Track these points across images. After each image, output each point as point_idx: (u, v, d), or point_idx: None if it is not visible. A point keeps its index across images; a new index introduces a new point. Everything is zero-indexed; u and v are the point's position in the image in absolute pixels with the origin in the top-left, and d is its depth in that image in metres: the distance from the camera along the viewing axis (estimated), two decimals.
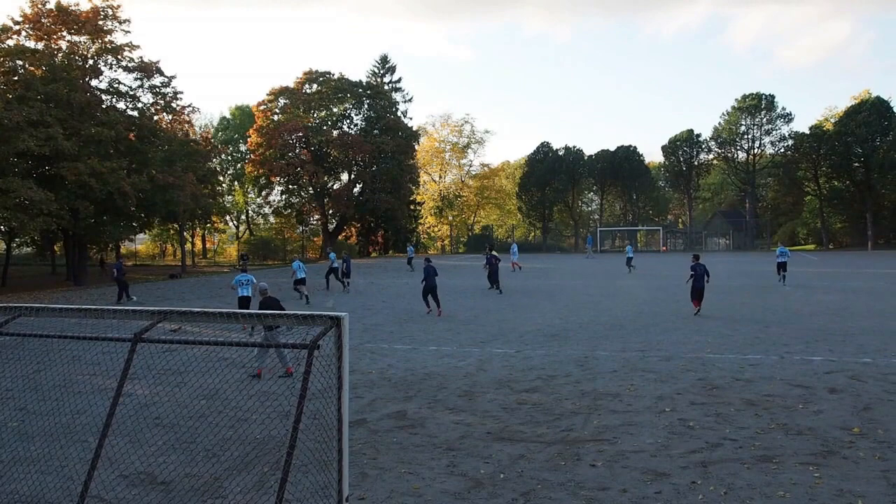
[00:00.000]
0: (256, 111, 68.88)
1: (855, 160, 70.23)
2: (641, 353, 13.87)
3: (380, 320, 20.08)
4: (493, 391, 10.99)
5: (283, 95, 69.03)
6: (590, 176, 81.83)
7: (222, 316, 5.60)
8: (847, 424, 8.77)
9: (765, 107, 75.20)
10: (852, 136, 67.98)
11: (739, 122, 76.11)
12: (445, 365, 13.19)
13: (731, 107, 76.99)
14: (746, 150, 76.78)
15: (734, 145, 77.20)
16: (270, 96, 68.84)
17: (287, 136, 66.23)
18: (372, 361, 13.62)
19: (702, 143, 78.88)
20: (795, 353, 13.51)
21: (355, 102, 71.23)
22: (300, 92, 69.31)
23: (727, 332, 16.38)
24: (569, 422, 9.15)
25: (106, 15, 40.37)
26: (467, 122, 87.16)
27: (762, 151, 76.71)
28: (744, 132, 76.25)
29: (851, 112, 69.63)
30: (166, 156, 43.79)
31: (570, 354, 13.96)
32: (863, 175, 69.50)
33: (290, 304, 21.87)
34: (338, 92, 69.65)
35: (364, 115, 71.99)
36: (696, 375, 11.78)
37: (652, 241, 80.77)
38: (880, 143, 68.31)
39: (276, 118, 68.06)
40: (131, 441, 8.34)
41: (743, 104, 75.73)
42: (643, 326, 17.72)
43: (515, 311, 21.79)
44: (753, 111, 75.23)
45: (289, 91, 69.07)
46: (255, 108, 69.34)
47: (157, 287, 35.86)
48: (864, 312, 19.66)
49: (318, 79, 69.83)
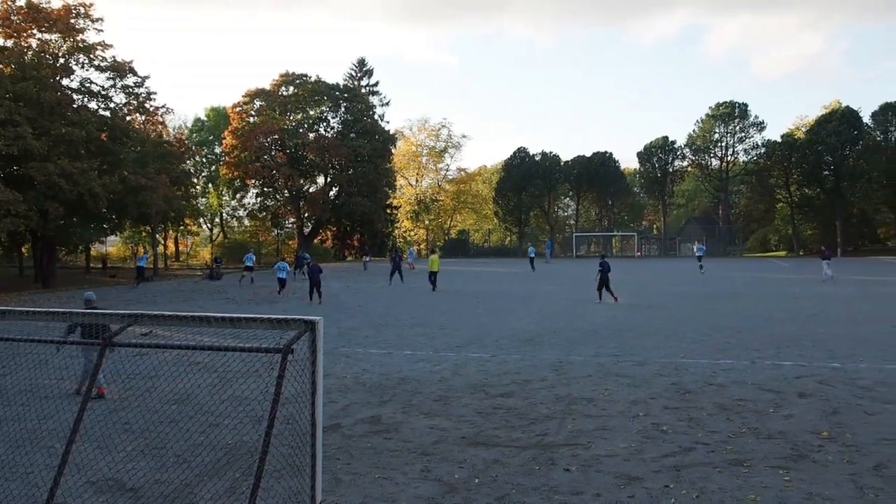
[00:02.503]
0: (232, 113, 68.47)
1: (825, 168, 71.37)
2: (615, 358, 13.94)
3: (355, 324, 20.00)
4: (468, 396, 10.98)
5: (259, 97, 68.68)
6: (566, 181, 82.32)
7: (193, 320, 5.54)
8: (816, 428, 8.86)
9: (738, 115, 76.15)
10: (823, 144, 69.09)
11: (713, 130, 77.00)
12: (420, 369, 13.16)
13: (706, 114, 77.90)
14: (720, 157, 77.72)
15: (708, 153, 78.10)
16: (246, 98, 68.45)
17: (263, 139, 65.92)
18: (347, 366, 13.55)
19: (676, 150, 79.70)
20: (766, 359, 13.65)
21: (332, 105, 71.07)
22: (276, 94, 69.01)
23: (700, 338, 16.50)
24: (543, 426, 9.16)
25: (78, 13, 39.91)
26: (444, 127, 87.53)
27: (735, 159, 77.71)
28: (717, 140, 77.16)
29: (822, 121, 70.73)
30: (139, 157, 43.35)
31: (545, 359, 13.99)
32: (833, 183, 70.59)
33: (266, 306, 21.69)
34: (314, 94, 69.45)
35: (341, 119, 71.86)
36: (669, 380, 11.85)
37: (627, 247, 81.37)
38: (850, 151, 69.55)
39: (252, 120, 67.71)
40: (99, 447, 8.22)
41: (717, 112, 76.63)
42: (617, 331, 17.81)
43: (491, 315, 21.81)
44: (727, 119, 76.16)
45: (265, 93, 68.73)
46: (231, 110, 68.93)
47: (127, 290, 35.48)
48: (833, 318, 19.91)
49: (295, 81, 69.59)
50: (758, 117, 76.41)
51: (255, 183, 69.19)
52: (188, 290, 34.23)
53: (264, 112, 67.97)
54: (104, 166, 39.84)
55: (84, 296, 12.42)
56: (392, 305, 25.30)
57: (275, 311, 23.16)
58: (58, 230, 38.47)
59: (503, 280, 38.68)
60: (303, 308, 24.62)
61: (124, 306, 25.94)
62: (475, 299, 27.33)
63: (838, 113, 70.34)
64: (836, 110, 71.63)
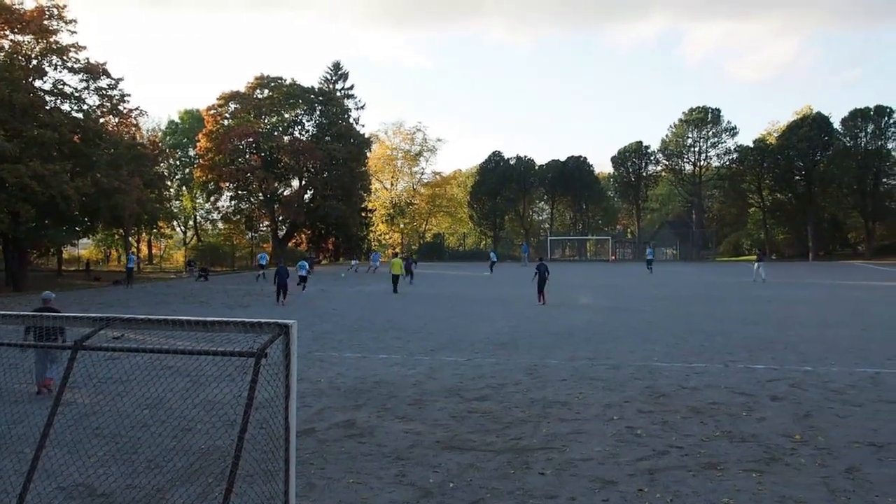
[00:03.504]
0: (206, 115, 67.91)
1: (796, 173, 72.15)
2: (590, 362, 13.99)
3: (330, 328, 19.92)
4: (443, 399, 10.96)
5: (233, 100, 68.23)
6: (540, 185, 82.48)
7: (166, 323, 5.47)
8: (789, 431, 8.95)
9: (711, 120, 76.77)
10: (794, 150, 69.79)
11: (686, 135, 77.52)
12: (395, 373, 13.13)
13: (679, 119, 78.38)
14: (693, 162, 78.27)
15: (681, 157, 78.63)
16: (221, 101, 67.96)
17: (237, 142, 65.51)
18: (321, 370, 13.48)
19: (650, 155, 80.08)
20: (739, 362, 13.77)
21: (307, 108, 70.80)
22: (251, 97, 68.63)
23: (674, 342, 16.62)
24: (518, 430, 9.17)
25: (51, 14, 39.36)
26: (419, 130, 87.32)
27: (708, 164, 78.25)
28: (691, 145, 77.70)
29: (793, 127, 71.51)
30: (112, 159, 42.81)
31: (520, 363, 14.01)
32: (804, 188, 71.41)
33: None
34: (289, 98, 69.13)
35: (316, 122, 71.60)
36: (643, 384, 11.91)
37: (601, 251, 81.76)
38: (820, 157, 70.32)
39: (227, 123, 67.25)
40: (70, 452, 8.09)
41: (690, 117, 77.18)
42: (592, 335, 17.88)
43: (466, 319, 21.82)
44: (700, 124, 76.73)
45: (239, 96, 68.31)
46: (205, 113, 68.37)
47: (100, 293, 35.07)
48: (805, 322, 20.14)
49: (270, 84, 69.24)
50: (730, 123, 77.01)
51: (230, 186, 68.67)
52: (161, 294, 33.92)
53: (239, 115, 67.55)
54: (77, 168, 39.29)
55: (42, 295, 12.49)
56: (367, 309, 25.22)
57: (249, 315, 22.98)
58: (29, 233, 37.89)
59: (478, 284, 38.72)
60: (277, 312, 24.48)
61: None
62: (450, 303, 27.34)
63: (809, 119, 71.13)
64: (808, 116, 72.44)
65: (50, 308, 12.02)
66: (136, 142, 49.58)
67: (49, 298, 12.30)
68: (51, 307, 12.09)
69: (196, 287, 38.51)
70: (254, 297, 30.63)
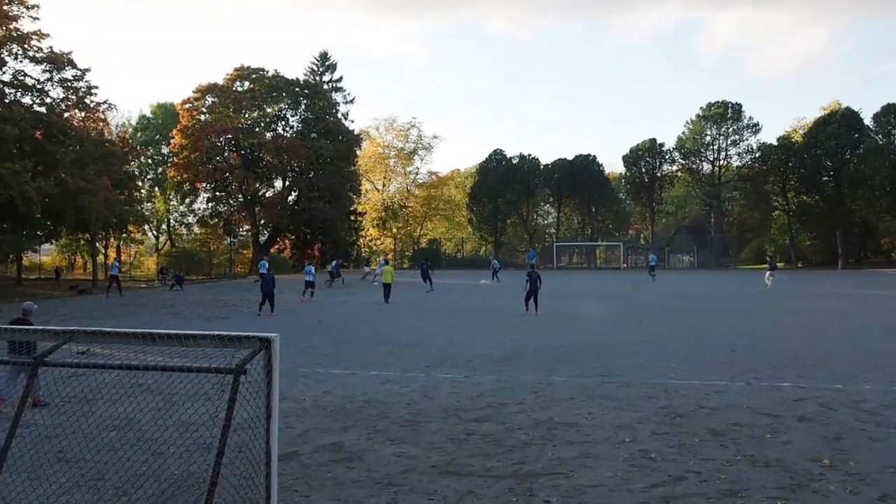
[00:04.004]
0: (181, 109, 67.97)
1: (824, 174, 72.22)
2: (600, 379, 13.98)
3: (315, 342, 19.89)
4: (440, 420, 10.94)
5: (211, 93, 68.35)
6: (546, 186, 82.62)
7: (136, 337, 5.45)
8: (817, 455, 8.94)
9: (731, 116, 76.89)
10: (822, 148, 69.86)
11: (704, 132, 77.67)
12: (387, 391, 13.10)
13: (696, 115, 78.54)
14: (711, 161, 78.40)
15: (699, 156, 78.74)
16: (197, 94, 68.06)
17: (215, 138, 65.58)
18: (305, 388, 13.46)
19: (665, 154, 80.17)
20: (763, 380, 13.76)
21: (291, 102, 70.94)
22: (230, 90, 68.72)
23: (692, 357, 16.61)
24: (521, 454, 9.15)
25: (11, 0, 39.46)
26: (414, 127, 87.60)
27: (728, 163, 78.37)
28: (709, 142, 77.85)
29: (821, 123, 71.63)
30: (77, 157, 42.83)
31: (523, 380, 13.99)
32: (832, 190, 71.48)
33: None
34: (272, 90, 69.26)
35: (301, 117, 71.74)
36: (658, 403, 11.90)
37: (612, 258, 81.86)
38: (850, 156, 70.35)
39: (203, 118, 67.37)
40: (30, 478, 8.05)
41: (709, 113, 77.29)
42: (602, 350, 17.87)
43: (464, 333, 21.80)
44: (719, 120, 76.84)
45: (217, 88, 68.41)
46: (180, 107, 68.44)
47: (63, 304, 35.02)
48: (835, 336, 20.15)
49: (251, 76, 69.35)
50: (752, 119, 77.23)
51: (206, 187, 68.73)
52: (131, 304, 33.86)
53: (217, 109, 67.63)
54: (39, 167, 39.27)
55: (23, 306, 12.64)
56: (355, 321, 25.21)
57: (227, 328, 22.94)
58: None
59: (477, 293, 38.72)
60: (258, 324, 24.46)
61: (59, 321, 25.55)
62: (447, 314, 27.32)
63: (838, 114, 71.28)
64: (836, 111, 72.63)
65: (26, 322, 12.12)
66: (104, 138, 49.62)
67: (30, 310, 12.41)
68: (28, 321, 12.17)
69: (169, 297, 38.47)
70: (233, 308, 30.62)
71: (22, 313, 12.38)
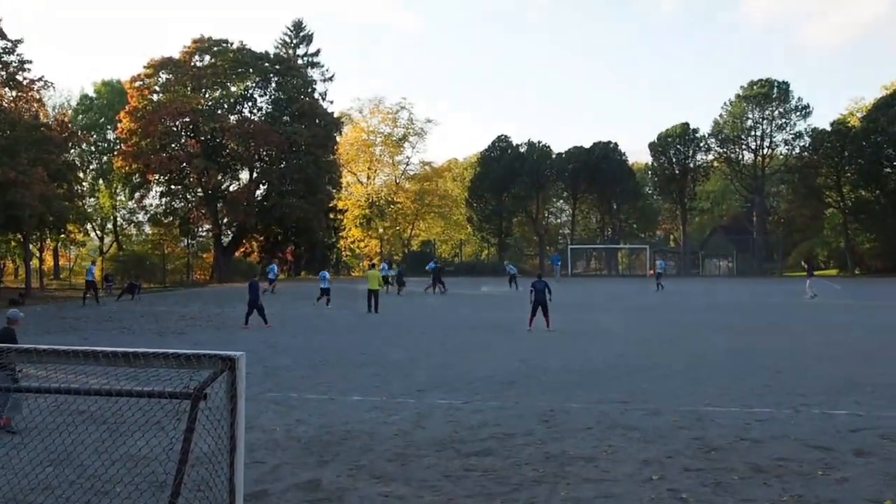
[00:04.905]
0: (130, 88, 67.96)
1: (886, 164, 72.04)
2: (622, 406, 13.98)
3: (288, 362, 19.88)
4: (434, 454, 10.94)
5: (165, 69, 68.32)
6: (559, 179, 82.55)
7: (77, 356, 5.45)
8: (878, 496, 8.94)
9: (777, 96, 76.77)
10: (883, 134, 69.67)
11: (745, 115, 77.55)
12: (372, 420, 13.10)
13: (736, 95, 78.41)
14: (753, 149, 78.33)
15: (738, 143, 78.66)
16: (149, 69, 68.01)
17: (169, 122, 65.55)
18: (276, 416, 13.45)
19: (699, 141, 79.99)
20: (813, 406, 13.77)
21: (259, 80, 70.98)
22: (188, 65, 68.72)
23: (729, 380, 16.62)
24: (530, 493, 9.15)
25: None
26: (404, 108, 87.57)
27: (773, 152, 78.27)
28: (751, 128, 77.78)
29: (881, 105, 71.49)
30: (8, 144, 42.82)
31: (533, 407, 13.99)
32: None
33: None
34: (237, 66, 69.29)
35: (271, 97, 71.81)
36: (690, 434, 11.91)
37: (636, 263, 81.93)
38: None
39: (156, 98, 67.35)
40: None
41: (750, 92, 77.13)
42: (625, 372, 17.88)
43: (463, 350, 21.79)
44: (763, 101, 76.68)
45: (173, 63, 68.37)
46: (129, 85, 68.42)
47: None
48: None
49: (212, 48, 69.35)
50: (802, 100, 77.23)
51: (160, 179, 68.70)
52: (72, 318, 33.82)
53: (172, 88, 67.61)
54: None
55: (8, 313, 12.74)
56: (336, 337, 25.20)
57: (184, 345, 22.92)
58: None
59: (479, 304, 38.71)
60: (219, 341, 24.42)
61: None
62: (443, 329, 27.29)
63: None
64: None
65: (10, 332, 12.27)
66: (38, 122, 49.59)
67: (15, 318, 12.55)
68: (12, 330, 12.33)
69: (116, 309, 38.44)
70: (190, 322, 30.57)
71: (7, 322, 12.43)
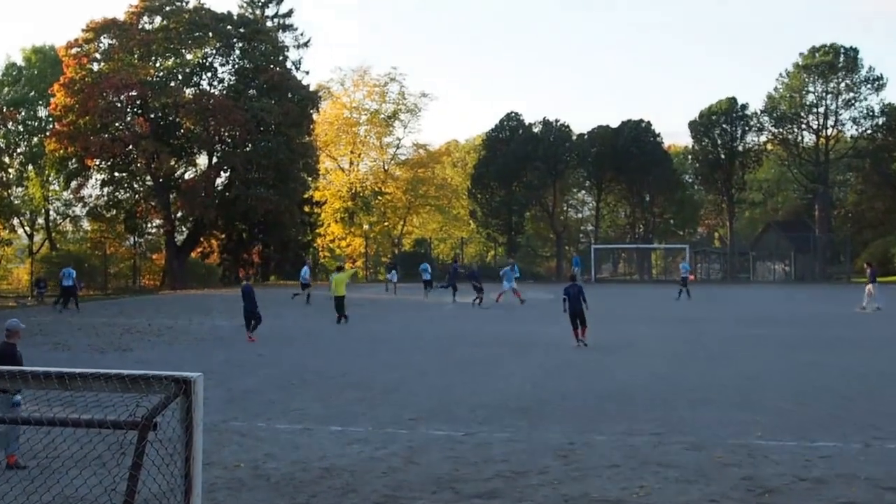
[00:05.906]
0: (65, 56, 67.85)
1: None
2: (657, 438, 13.99)
3: (254, 384, 19.89)
4: (429, 496, 10.96)
5: (107, 33, 68.26)
6: (580, 165, 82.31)
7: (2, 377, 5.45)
8: None
9: (844, 66, 76.54)
10: None
11: (805, 89, 77.36)
12: (356, 455, 13.11)
13: (794, 65, 78.24)
14: (816, 129, 78.15)
15: (797, 122, 78.49)
16: (88, 34, 67.94)
17: (113, 96, 65.49)
18: (241, 449, 13.46)
19: (749, 119, 79.72)
20: (889, 440, 13.77)
21: (221, 46, 70.92)
22: (135, 28, 68.73)
23: (786, 408, 16.63)
24: None
25: None
26: (394, 80, 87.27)
27: (839, 133, 78.12)
28: (812, 104, 77.59)
29: None
30: None
31: (548, 440, 14.00)
32: None
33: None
34: (194, 29, 69.21)
35: (234, 66, 71.84)
36: (739, 472, 11.91)
37: (673, 266, 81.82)
38: None
39: (97, 67, 67.24)
40: None
41: (811, 61, 76.88)
42: (660, 397, 17.89)
43: (465, 371, 21.80)
44: (827, 72, 76.44)
45: (116, 26, 68.33)
46: (64, 52, 68.34)
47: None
48: None
49: (164, 9, 69.33)
50: (873, 70, 76.90)
51: (101, 165, 68.67)
52: None
53: (116, 55, 67.51)
54: None
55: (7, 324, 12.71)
56: (313, 352, 25.21)
57: (130, 363, 22.91)
58: None
59: (484, 316, 38.71)
60: (171, 359, 24.36)
61: None
62: (440, 345, 27.27)
63: None
64: None
65: (10, 345, 12.39)
66: None
67: (16, 329, 12.59)
68: (12, 343, 12.43)
69: (50, 320, 38.45)
70: (138, 336, 30.51)
71: (6, 335, 12.51)
